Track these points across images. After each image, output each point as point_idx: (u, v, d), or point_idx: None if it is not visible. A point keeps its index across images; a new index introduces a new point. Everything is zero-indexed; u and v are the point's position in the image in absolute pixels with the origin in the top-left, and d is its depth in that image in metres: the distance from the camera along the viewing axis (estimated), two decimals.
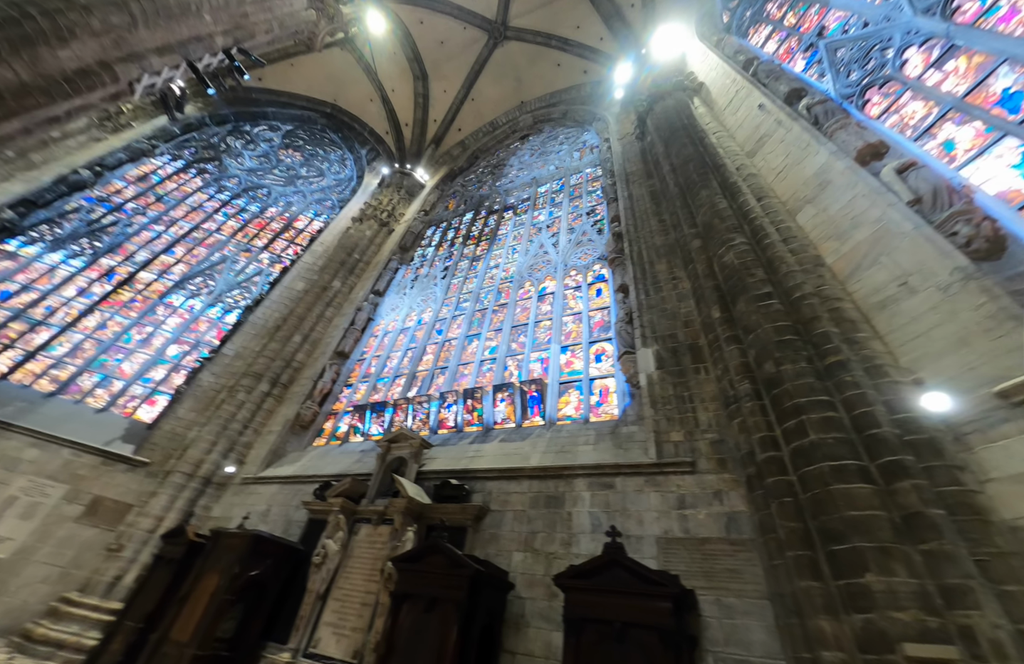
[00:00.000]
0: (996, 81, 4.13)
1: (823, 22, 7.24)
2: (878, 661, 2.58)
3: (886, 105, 5.29)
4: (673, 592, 3.56)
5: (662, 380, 5.35)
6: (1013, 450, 2.76)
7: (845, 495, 3.13)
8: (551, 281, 9.23)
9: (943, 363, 3.31)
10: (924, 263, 3.73)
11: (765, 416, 4.01)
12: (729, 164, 6.85)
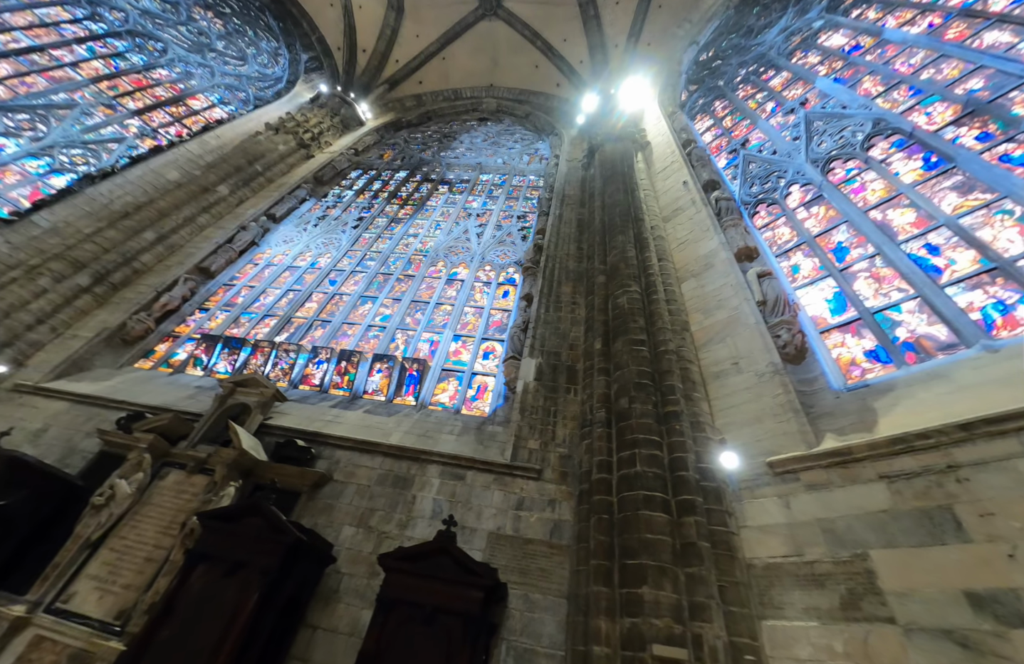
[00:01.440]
0: (837, 234, 5.32)
1: (748, 136, 8.63)
2: (633, 657, 3.11)
3: (767, 221, 6.47)
4: (488, 584, 3.83)
5: (536, 391, 5.66)
6: (764, 507, 3.54)
7: (647, 520, 3.69)
8: (464, 269, 9.23)
9: (743, 432, 4.09)
10: (752, 351, 4.60)
11: (609, 443, 4.52)
12: (647, 221, 7.66)
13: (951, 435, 2.99)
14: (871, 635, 2.69)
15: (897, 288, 4.24)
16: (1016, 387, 3.01)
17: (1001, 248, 3.81)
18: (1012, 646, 2.31)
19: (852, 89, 7.04)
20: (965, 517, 2.73)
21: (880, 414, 3.48)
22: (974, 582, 2.53)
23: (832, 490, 3.30)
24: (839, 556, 3.03)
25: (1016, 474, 2.69)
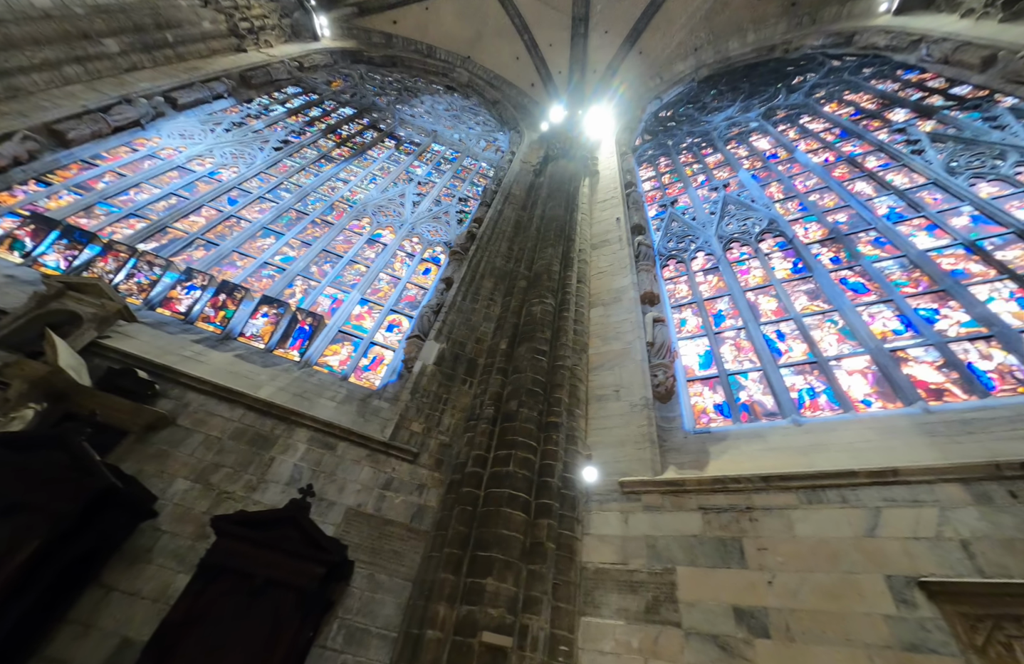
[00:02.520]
0: (720, 303, 6.24)
1: (678, 197, 9.70)
2: (463, 642, 3.27)
3: (673, 275, 7.34)
4: (334, 560, 3.73)
5: (433, 375, 5.67)
6: (607, 519, 4.03)
7: (507, 517, 3.92)
8: (391, 234, 8.89)
9: (608, 451, 4.58)
10: (633, 384, 5.17)
11: (490, 440, 4.71)
12: (577, 243, 8.17)
13: (754, 483, 3.71)
14: (661, 635, 3.20)
15: (749, 359, 5.15)
16: (805, 455, 3.85)
17: (823, 348, 4.85)
18: (754, 651, 2.94)
19: (762, 188, 8.37)
20: (748, 548, 3.41)
21: (712, 457, 4.18)
22: (741, 600, 3.17)
23: (662, 513, 3.86)
24: (654, 568, 3.55)
25: (787, 521, 3.44)
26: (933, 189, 6.14)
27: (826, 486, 3.48)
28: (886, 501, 3.27)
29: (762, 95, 12.45)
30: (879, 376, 4.27)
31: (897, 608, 2.81)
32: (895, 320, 4.70)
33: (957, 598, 2.73)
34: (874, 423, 3.90)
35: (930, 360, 4.19)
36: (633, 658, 3.15)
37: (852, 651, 2.74)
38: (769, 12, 14.45)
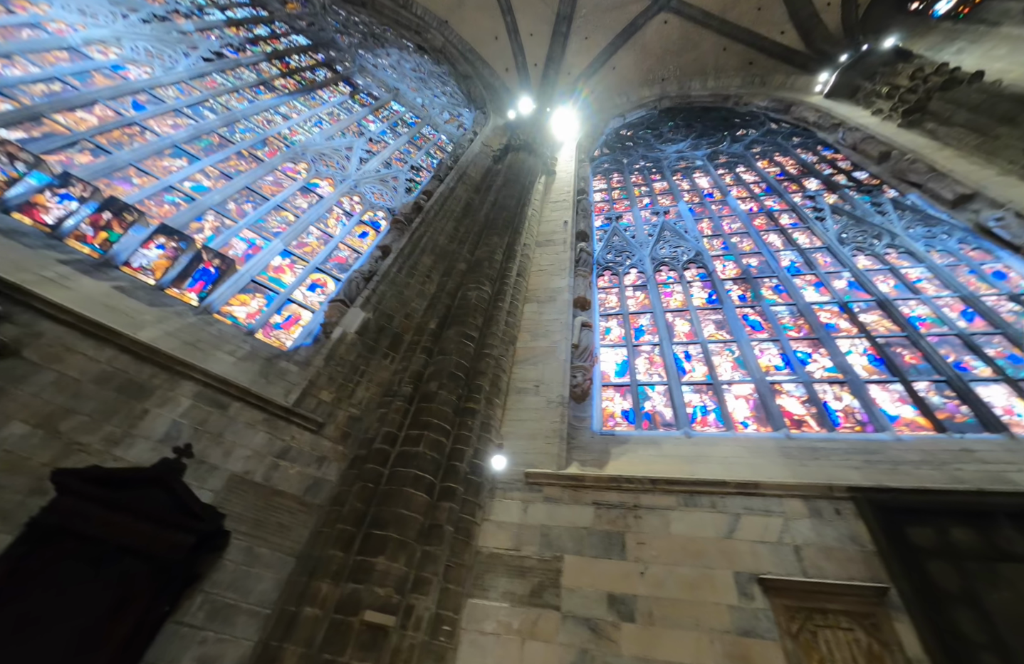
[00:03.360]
0: (643, 318, 6.71)
1: (623, 214, 10.23)
2: (342, 621, 3.19)
3: (607, 286, 7.78)
4: (207, 529, 3.44)
5: (353, 345, 5.42)
6: (508, 507, 4.21)
7: (409, 498, 3.88)
8: (330, 186, 8.31)
9: (519, 443, 4.73)
10: (553, 382, 5.39)
11: (404, 418, 4.62)
12: (523, 238, 8.28)
13: (644, 485, 4.07)
14: (541, 618, 3.40)
15: (659, 373, 5.64)
16: (689, 464, 4.29)
17: (720, 373, 5.46)
18: (620, 633, 3.24)
19: (696, 222, 9.15)
20: (629, 542, 3.73)
21: (612, 458, 4.51)
22: (616, 588, 3.47)
23: (560, 505, 4.09)
24: (544, 555, 3.75)
25: (666, 520, 3.83)
26: (825, 253, 7.19)
27: (701, 492, 3.93)
28: (745, 509, 3.78)
29: (710, 138, 13.57)
30: (758, 403, 4.92)
31: (739, 600, 3.26)
32: (778, 357, 5.45)
33: (783, 593, 3.25)
34: (747, 442, 4.49)
35: (798, 395, 4.93)
36: (511, 638, 3.31)
37: (699, 635, 3.14)
38: (730, 65, 15.77)
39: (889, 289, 6.07)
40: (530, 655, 3.21)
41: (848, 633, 3.01)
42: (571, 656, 3.16)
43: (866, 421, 4.50)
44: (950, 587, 3.09)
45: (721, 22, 15.30)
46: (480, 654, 3.27)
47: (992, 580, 3.09)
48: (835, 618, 3.07)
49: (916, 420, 4.42)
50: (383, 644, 3.11)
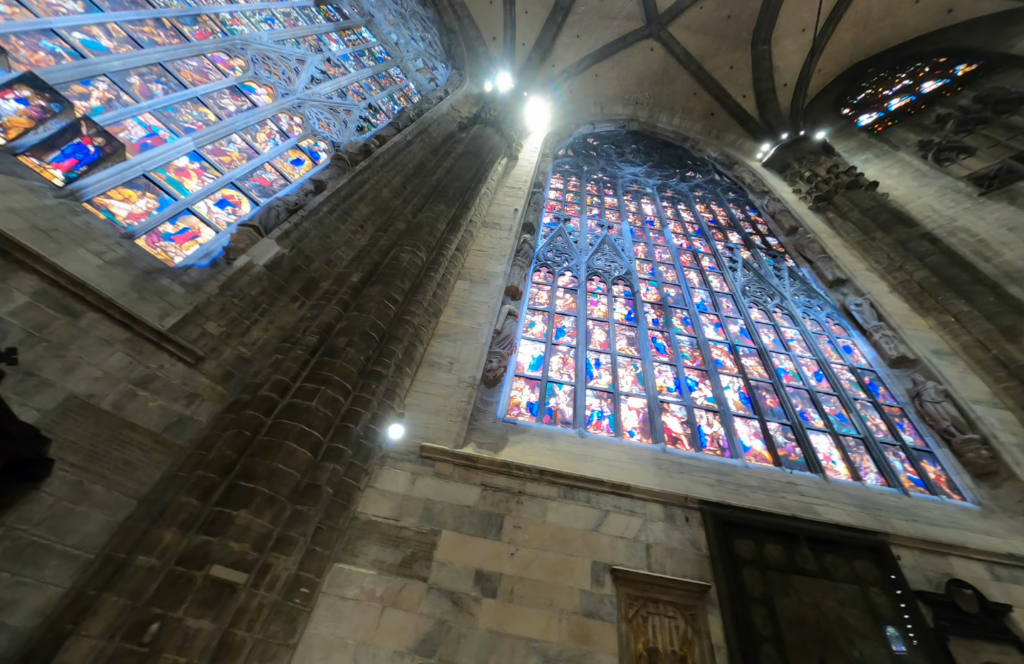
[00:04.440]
0: (566, 320, 7.00)
1: (572, 217, 10.54)
2: (183, 573, 2.94)
3: (541, 281, 8.07)
4: (22, 454, 2.91)
5: (259, 278, 4.94)
6: (396, 476, 4.22)
7: (291, 453, 3.66)
8: (268, 95, 7.44)
9: (421, 416, 4.72)
10: (469, 362, 5.45)
11: (301, 370, 4.34)
12: (471, 214, 8.15)
13: (532, 473, 4.30)
14: (406, 588, 3.45)
15: (569, 374, 5.97)
16: (576, 461, 4.61)
17: (621, 384, 5.94)
18: (479, 607, 3.41)
19: (633, 243, 9.75)
20: (507, 525, 3.93)
21: (508, 444, 4.69)
22: (485, 565, 3.63)
23: (449, 482, 4.16)
24: (422, 528, 3.80)
25: (544, 508, 4.09)
26: (729, 299, 8.13)
27: (581, 488, 4.27)
28: (614, 507, 4.17)
29: (664, 171, 14.47)
30: (646, 417, 5.46)
31: (591, 586, 3.61)
32: (671, 380, 6.08)
33: (629, 583, 3.66)
34: (629, 450, 4.96)
35: (680, 416, 5.55)
36: (372, 605, 3.32)
37: (550, 613, 3.42)
38: (696, 110, 16.90)
39: (768, 341, 7.07)
40: (388, 622, 3.25)
41: (671, 621, 3.50)
42: (429, 626, 3.26)
43: (726, 447, 5.22)
44: (754, 591, 3.73)
45: (698, 68, 16.32)
46: (335, 618, 3.23)
47: (784, 588, 3.79)
48: (664, 607, 3.55)
49: (762, 453, 5.23)
50: (227, 602, 2.93)
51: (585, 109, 16.99)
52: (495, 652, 3.19)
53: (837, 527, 4.27)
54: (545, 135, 14.17)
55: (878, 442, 5.57)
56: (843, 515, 4.43)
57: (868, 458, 5.40)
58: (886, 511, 4.60)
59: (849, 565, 4.02)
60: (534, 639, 3.27)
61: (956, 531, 4.48)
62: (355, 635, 3.17)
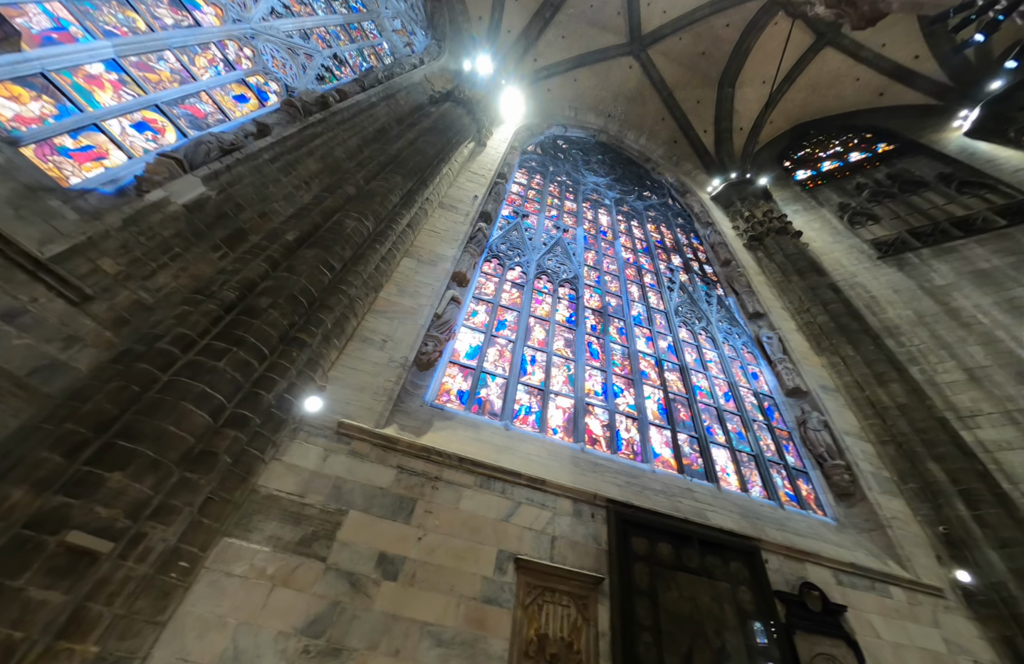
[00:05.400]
0: (509, 314, 6.98)
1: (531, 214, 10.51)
2: (31, 537, 2.56)
3: (490, 272, 7.94)
4: None
5: (175, 218, 4.38)
6: (307, 451, 3.98)
7: (186, 415, 3.31)
8: (216, 17, 6.58)
9: (344, 391, 4.49)
10: (403, 342, 5.29)
11: (212, 326, 3.97)
12: (429, 192, 7.85)
13: (452, 460, 4.25)
14: (302, 567, 3.27)
15: (504, 367, 5.98)
16: (498, 452, 4.63)
17: (552, 383, 6.06)
18: (378, 590, 3.31)
19: (584, 250, 9.95)
20: (418, 509, 3.85)
21: (432, 429, 4.61)
22: (390, 548, 3.54)
23: (364, 462, 3.99)
24: (328, 507, 3.62)
25: (459, 495, 4.06)
26: (663, 317, 8.58)
27: (498, 478, 4.29)
28: (527, 499, 4.25)
29: (624, 186, 14.88)
30: (571, 417, 5.62)
31: (494, 573, 3.65)
32: (599, 385, 6.31)
33: (531, 572, 3.75)
34: (551, 446, 5.08)
35: (602, 419, 5.78)
36: (260, 583, 3.10)
37: (449, 598, 3.41)
38: (661, 135, 17.53)
39: (690, 360, 7.57)
40: (277, 602, 3.06)
41: (565, 609, 3.64)
42: (320, 607, 3.12)
43: (639, 452, 5.53)
44: (642, 584, 3.99)
45: (669, 95, 16.90)
46: (217, 595, 2.98)
47: (668, 583, 4.09)
48: (560, 596, 3.68)
49: (669, 460, 5.61)
50: (85, 572, 2.58)
51: (559, 111, 17.01)
52: (388, 634, 3.12)
53: (722, 531, 4.68)
54: (516, 128, 13.99)
55: (766, 460, 6.19)
56: (728, 521, 4.86)
57: (756, 473, 6.00)
58: (763, 520, 5.13)
59: (726, 565, 4.42)
60: (430, 623, 3.25)
61: (815, 541, 5.10)
62: (237, 614, 2.95)
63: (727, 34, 15.38)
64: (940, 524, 5.71)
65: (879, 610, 4.63)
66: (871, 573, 4.89)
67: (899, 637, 4.46)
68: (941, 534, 5.59)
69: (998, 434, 6.61)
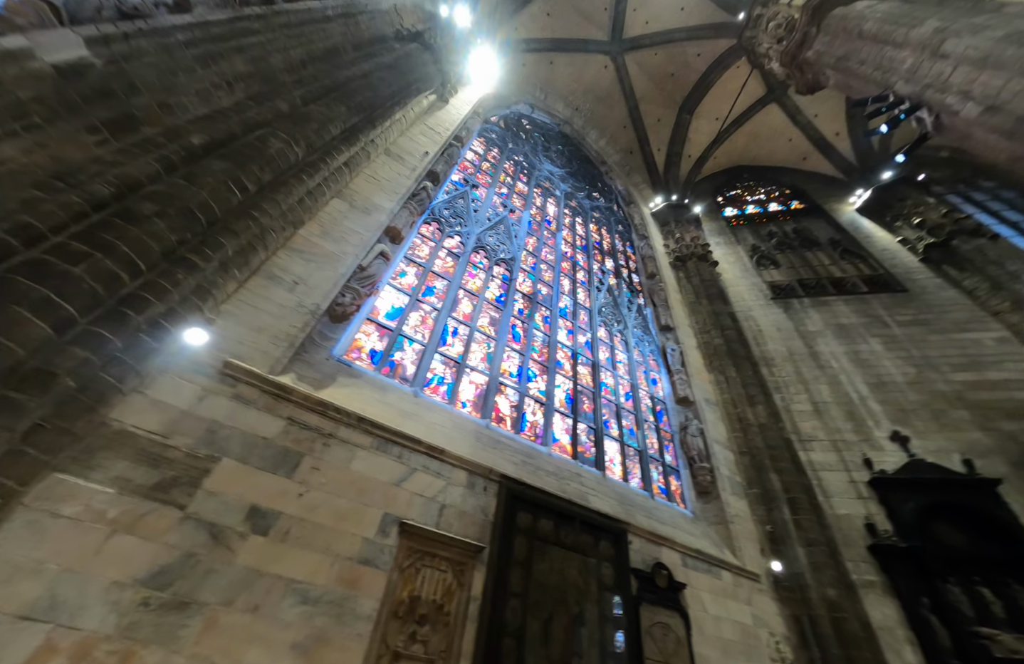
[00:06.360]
0: (439, 281, 6.76)
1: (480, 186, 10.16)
2: None
3: (428, 234, 7.59)
4: None
5: (42, 79, 3.45)
6: (181, 388, 3.50)
7: (19, 323, 2.80)
8: None
9: (239, 329, 4.06)
10: (317, 288, 4.88)
11: (72, 222, 3.31)
12: (376, 134, 7.21)
13: (351, 419, 4.05)
14: (153, 513, 2.90)
15: (423, 334, 5.82)
16: (402, 418, 4.51)
17: (470, 358, 6.04)
18: (243, 544, 3.07)
19: (527, 235, 9.94)
20: (304, 464, 3.63)
21: (335, 386, 4.34)
22: (264, 502, 3.29)
23: (248, 408, 3.63)
24: (198, 452, 3.24)
25: (352, 455, 3.90)
26: (587, 314, 8.98)
27: (397, 443, 4.20)
28: (424, 467, 4.22)
29: (576, 182, 15.03)
30: (483, 394, 5.69)
31: (376, 535, 3.60)
32: (515, 367, 6.44)
33: (414, 537, 3.76)
34: (456, 419, 5.09)
35: (512, 400, 5.94)
36: (97, 528, 2.69)
37: (322, 557, 3.29)
38: (621, 142, 17.89)
39: (603, 358, 8.05)
40: (115, 549, 2.68)
41: (442, 574, 3.73)
42: (171, 557, 2.81)
43: (540, 436, 5.80)
44: (519, 555, 4.23)
45: (635, 106, 17.20)
46: (35, 537, 2.53)
47: (543, 555, 4.39)
48: (439, 562, 3.76)
49: (566, 446, 5.98)
50: None
51: (530, 90, 16.54)
52: (248, 590, 2.93)
53: (599, 514, 5.12)
54: (483, 95, 13.30)
55: (649, 456, 6.89)
56: (606, 505, 5.33)
57: (638, 466, 6.65)
58: (635, 507, 5.72)
59: (597, 544, 4.87)
60: (297, 580, 3.11)
61: (672, 529, 5.82)
62: (61, 559, 2.54)
63: (696, 63, 16.00)
64: (768, 524, 6.86)
65: (710, 589, 5.47)
66: (710, 559, 5.73)
67: (720, 612, 5.33)
68: (767, 532, 6.72)
69: (824, 457, 8.05)
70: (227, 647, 2.71)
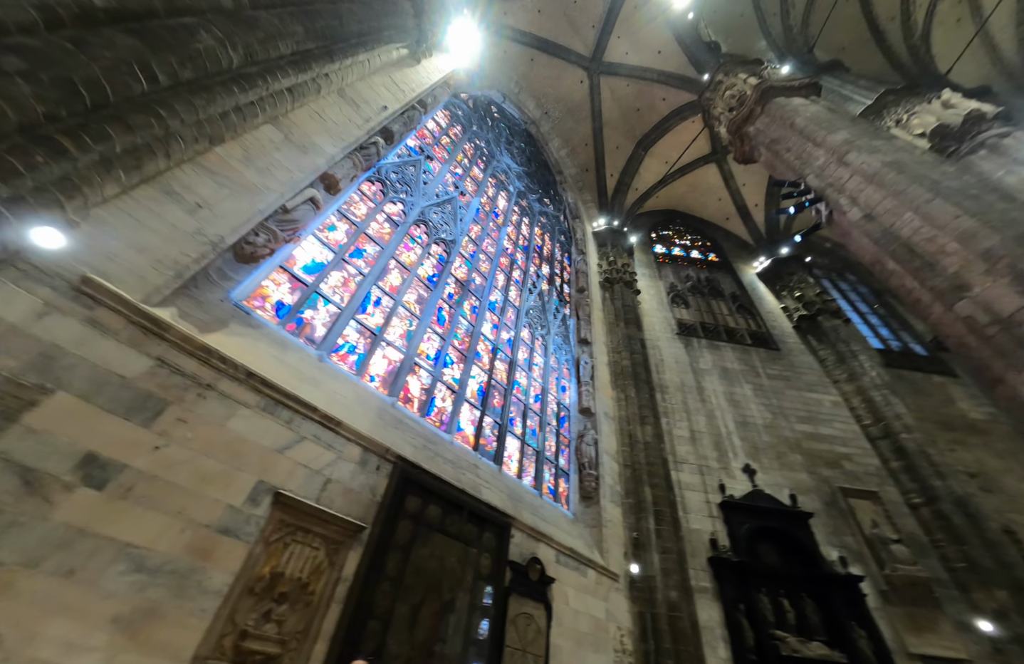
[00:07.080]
0: (371, 245, 6.36)
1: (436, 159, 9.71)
2: None
3: (368, 193, 7.08)
4: None
5: None
6: (15, 298, 2.79)
7: None
8: None
9: (112, 242, 3.39)
10: (224, 218, 4.26)
11: None
12: (333, 68, 6.44)
13: (238, 372, 3.64)
14: None
15: (343, 297, 5.45)
16: (300, 381, 4.18)
17: (387, 332, 5.81)
18: (68, 497, 2.60)
19: (473, 221, 9.81)
20: (168, 414, 3.18)
21: (226, 333, 3.86)
22: (106, 450, 2.82)
23: (106, 338, 3.05)
24: (26, 379, 2.65)
25: (230, 413, 3.51)
26: (515, 312, 9.21)
27: (288, 406, 3.88)
28: (314, 437, 3.97)
29: (531, 182, 15.15)
30: (395, 371, 5.53)
31: (243, 504, 3.30)
32: (434, 350, 6.37)
33: (289, 509, 3.53)
34: (361, 392, 4.88)
35: (424, 382, 5.86)
36: None
37: (172, 521, 2.93)
38: (580, 158, 18.40)
39: (521, 358, 8.34)
40: None
41: (313, 551, 3.56)
42: None
43: (446, 422, 5.83)
44: (401, 539, 4.21)
45: (599, 128, 17.73)
46: None
47: (426, 541, 4.43)
48: (311, 538, 3.59)
49: (469, 437, 6.09)
50: None
51: (505, 80, 16.21)
52: (64, 550, 2.49)
53: (488, 506, 5.31)
54: (458, 68, 12.65)
55: (545, 457, 7.34)
56: (496, 498, 5.56)
57: (533, 465, 7.05)
58: (523, 503, 6.06)
59: (480, 534, 5.05)
60: (134, 544, 2.73)
61: (553, 527, 6.29)
62: None
63: (660, 106, 17.02)
64: (635, 530, 7.78)
65: (575, 585, 6.03)
66: (580, 557, 6.32)
67: (580, 606, 5.91)
68: (633, 538, 7.62)
69: (690, 478, 9.30)
70: (21, 616, 2.28)
